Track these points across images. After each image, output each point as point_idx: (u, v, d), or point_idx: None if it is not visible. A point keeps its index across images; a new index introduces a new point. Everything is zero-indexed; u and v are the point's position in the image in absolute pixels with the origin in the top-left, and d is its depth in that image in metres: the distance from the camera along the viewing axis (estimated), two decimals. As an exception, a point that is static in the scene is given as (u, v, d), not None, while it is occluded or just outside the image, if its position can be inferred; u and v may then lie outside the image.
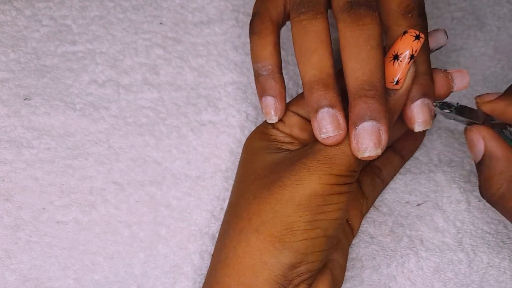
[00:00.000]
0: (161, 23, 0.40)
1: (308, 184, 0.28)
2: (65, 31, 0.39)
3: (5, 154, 0.36)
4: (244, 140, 0.38)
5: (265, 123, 0.33)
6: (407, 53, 0.28)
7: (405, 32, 0.28)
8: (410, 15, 0.29)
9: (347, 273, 0.36)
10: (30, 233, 0.35)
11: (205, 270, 0.35)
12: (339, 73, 0.29)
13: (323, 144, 0.29)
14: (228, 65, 0.39)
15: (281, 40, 0.40)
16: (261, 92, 0.32)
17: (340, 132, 0.28)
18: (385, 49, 0.30)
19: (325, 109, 0.28)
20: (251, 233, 0.29)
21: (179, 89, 0.38)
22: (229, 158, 0.37)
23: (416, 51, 0.28)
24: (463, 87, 0.32)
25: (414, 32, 0.27)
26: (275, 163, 0.30)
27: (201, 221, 0.36)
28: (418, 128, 0.30)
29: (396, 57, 0.28)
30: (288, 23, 0.33)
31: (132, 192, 0.36)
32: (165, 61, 0.39)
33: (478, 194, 0.37)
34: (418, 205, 0.37)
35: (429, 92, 0.30)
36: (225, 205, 0.36)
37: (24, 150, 0.36)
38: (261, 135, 0.33)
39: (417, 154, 0.38)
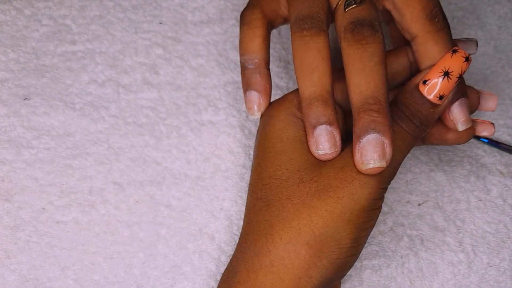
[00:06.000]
0: (161, 23, 0.40)
1: (360, 199, 0.28)
2: (65, 30, 0.39)
3: (5, 154, 0.36)
4: (244, 139, 0.38)
5: (294, 103, 0.31)
6: (456, 72, 0.28)
7: (454, 51, 0.28)
8: (436, 19, 0.29)
9: (347, 273, 0.36)
10: (29, 233, 0.35)
11: (204, 270, 0.35)
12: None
13: None
14: (228, 64, 0.39)
15: (282, 40, 0.40)
16: (246, 86, 0.32)
17: (336, 149, 0.29)
18: (414, 55, 0.30)
19: (323, 126, 0.29)
20: (301, 245, 0.28)
21: (179, 89, 0.38)
22: (229, 158, 0.37)
23: (464, 72, 0.28)
24: (489, 110, 0.33)
25: (464, 53, 0.28)
26: (320, 163, 0.30)
27: (201, 221, 0.36)
28: (462, 127, 0.30)
29: (446, 74, 0.28)
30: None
31: (132, 192, 0.36)
32: (165, 60, 0.39)
33: (479, 193, 0.37)
34: (419, 205, 0.37)
35: (464, 92, 0.30)
36: (225, 205, 0.36)
37: (24, 150, 0.36)
38: (294, 121, 0.31)
39: (417, 153, 0.38)
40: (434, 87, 0.28)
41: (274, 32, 0.40)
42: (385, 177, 0.28)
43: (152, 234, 0.35)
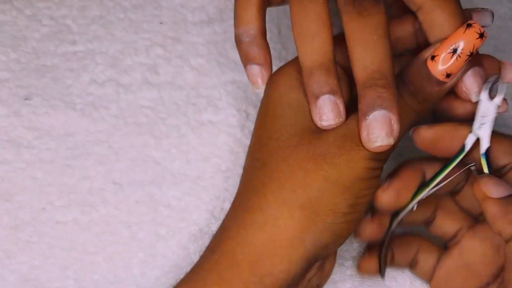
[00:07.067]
0: (161, 23, 0.40)
1: (356, 168, 0.27)
2: (65, 31, 0.39)
3: (5, 154, 0.36)
4: (244, 139, 0.37)
5: (296, 68, 0.30)
6: (467, 50, 0.26)
7: (469, 25, 0.27)
8: None
9: (347, 273, 0.36)
10: (29, 233, 0.35)
11: (204, 270, 0.35)
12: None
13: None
14: (229, 64, 0.39)
15: (282, 39, 0.40)
16: (245, 60, 0.31)
17: (341, 119, 0.28)
18: (422, 28, 0.29)
19: (326, 96, 0.28)
20: (296, 207, 0.28)
21: (179, 89, 0.38)
22: (229, 158, 0.37)
23: (476, 50, 0.27)
24: (511, 81, 0.31)
25: (479, 29, 0.26)
26: (321, 129, 0.29)
27: (201, 221, 0.36)
28: (476, 98, 0.29)
29: (455, 50, 0.27)
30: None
31: (132, 192, 0.36)
32: (165, 60, 0.39)
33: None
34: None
35: (477, 61, 0.29)
36: (225, 205, 0.36)
37: (24, 150, 0.36)
38: (296, 85, 0.30)
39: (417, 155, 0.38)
40: (442, 64, 0.27)
41: (274, 31, 0.40)
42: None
43: (152, 234, 0.35)
